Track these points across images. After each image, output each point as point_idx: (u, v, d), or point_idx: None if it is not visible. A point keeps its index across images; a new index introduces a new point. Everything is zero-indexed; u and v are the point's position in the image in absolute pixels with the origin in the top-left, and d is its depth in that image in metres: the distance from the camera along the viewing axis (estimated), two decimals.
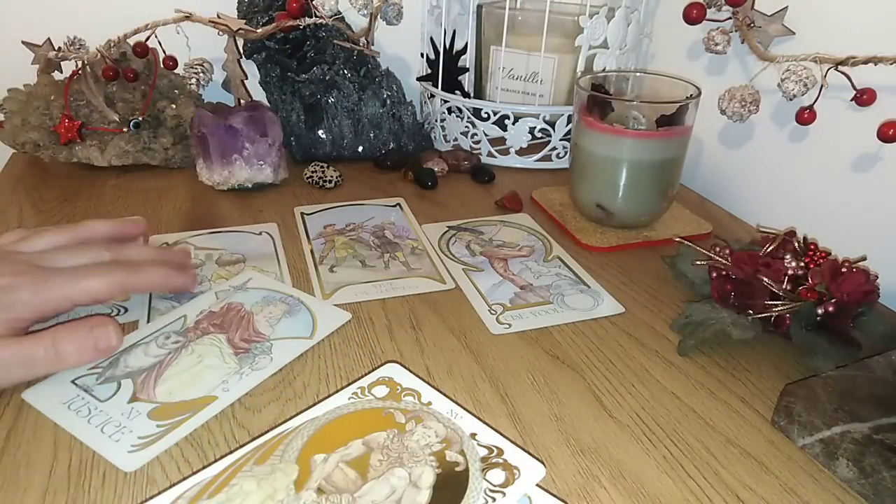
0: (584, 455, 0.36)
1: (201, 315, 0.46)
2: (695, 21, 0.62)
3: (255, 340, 0.43)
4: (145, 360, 0.41)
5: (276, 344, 0.43)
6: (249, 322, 0.45)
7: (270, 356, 0.42)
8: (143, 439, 0.35)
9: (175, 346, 0.42)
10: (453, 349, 0.44)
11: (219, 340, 0.43)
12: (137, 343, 0.43)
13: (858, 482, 0.34)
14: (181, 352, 0.42)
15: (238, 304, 0.47)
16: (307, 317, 0.46)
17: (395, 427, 0.36)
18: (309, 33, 0.73)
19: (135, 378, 0.39)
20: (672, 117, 0.56)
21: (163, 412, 0.37)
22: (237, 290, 0.49)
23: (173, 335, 0.43)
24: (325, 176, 0.69)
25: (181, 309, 0.46)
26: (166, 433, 0.36)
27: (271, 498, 0.31)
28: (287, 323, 0.45)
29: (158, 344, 0.42)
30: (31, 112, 0.68)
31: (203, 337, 0.43)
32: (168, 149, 0.71)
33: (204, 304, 0.47)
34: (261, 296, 0.48)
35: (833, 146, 0.58)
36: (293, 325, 0.45)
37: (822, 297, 0.43)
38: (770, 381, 0.42)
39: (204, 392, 0.38)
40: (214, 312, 0.46)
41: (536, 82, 0.78)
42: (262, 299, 0.48)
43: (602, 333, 0.47)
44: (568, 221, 0.62)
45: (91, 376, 0.39)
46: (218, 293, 0.48)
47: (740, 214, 0.67)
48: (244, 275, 0.51)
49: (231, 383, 0.39)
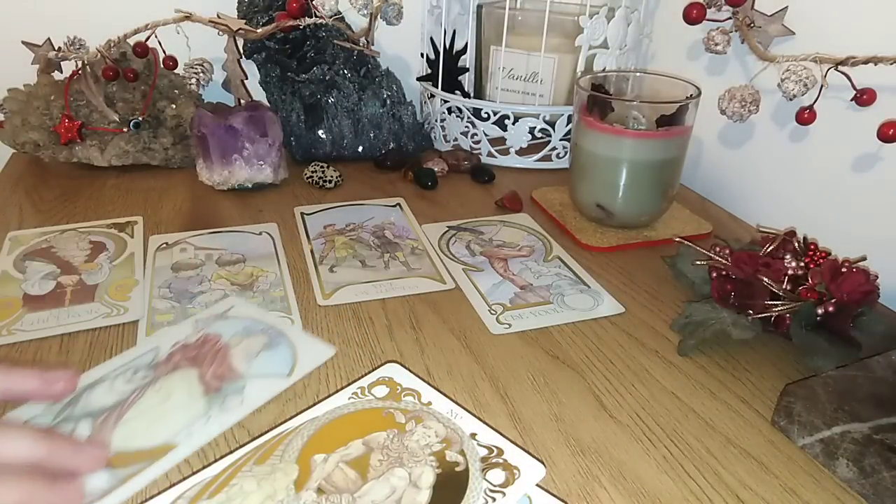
0: (584, 455, 0.36)
1: (176, 347, 0.42)
2: (695, 21, 0.62)
3: (229, 378, 0.40)
4: (108, 397, 0.38)
5: (249, 383, 0.39)
6: (225, 356, 0.42)
7: (241, 397, 0.38)
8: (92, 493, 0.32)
9: (143, 381, 0.39)
10: (453, 349, 0.44)
11: (190, 377, 0.40)
12: (103, 378, 0.39)
13: (858, 482, 0.34)
14: (148, 389, 0.39)
15: (216, 336, 0.43)
16: (287, 352, 0.43)
17: (395, 427, 0.36)
18: (309, 33, 0.73)
19: (95, 418, 0.36)
20: (672, 117, 0.56)
21: (118, 461, 0.34)
22: (217, 318, 0.46)
23: (142, 370, 0.40)
24: (325, 176, 0.69)
25: (154, 338, 0.43)
26: (120, 485, 0.32)
27: (271, 498, 0.31)
28: (265, 358, 0.42)
29: (126, 379, 0.39)
30: (31, 112, 0.68)
31: (174, 372, 0.40)
32: (168, 149, 0.71)
33: (180, 334, 0.44)
34: (241, 326, 0.45)
35: (833, 146, 0.58)
36: (271, 361, 0.42)
37: (822, 297, 0.43)
38: (770, 381, 0.42)
39: (165, 438, 0.35)
40: (189, 345, 0.43)
41: (536, 82, 0.78)
42: (243, 330, 0.44)
43: (602, 333, 0.47)
44: (568, 221, 0.62)
45: (47, 416, 0.36)
46: (198, 320, 0.45)
47: (740, 214, 0.67)
48: (226, 302, 0.48)
49: (195, 428, 0.36)
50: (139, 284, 0.50)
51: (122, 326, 0.45)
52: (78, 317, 0.46)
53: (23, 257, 0.53)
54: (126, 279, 0.51)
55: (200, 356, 0.42)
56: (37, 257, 0.53)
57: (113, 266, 0.52)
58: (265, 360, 0.42)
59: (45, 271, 0.51)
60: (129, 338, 0.44)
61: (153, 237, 0.57)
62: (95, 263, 0.53)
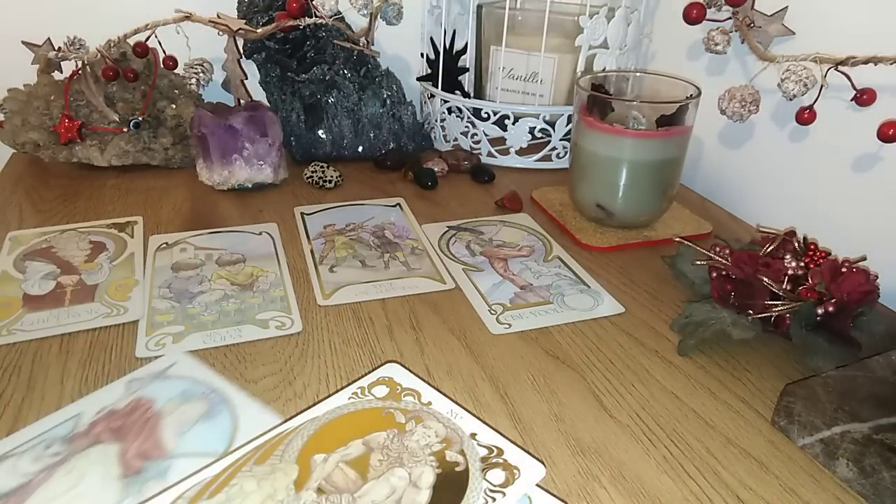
0: (584, 455, 0.36)
1: (101, 413, 0.37)
2: (695, 21, 0.62)
3: (153, 456, 0.34)
4: (9, 480, 0.32)
5: (174, 464, 0.34)
6: (154, 428, 0.36)
7: (164, 482, 0.33)
8: None
9: (54, 459, 0.34)
10: (453, 349, 0.44)
11: (108, 455, 0.34)
12: (8, 454, 0.34)
13: (858, 482, 0.34)
14: (57, 470, 0.33)
15: (148, 402, 0.38)
16: (227, 423, 0.37)
17: (395, 427, 0.36)
18: (309, 33, 0.73)
19: None
20: (672, 117, 0.56)
21: None
22: (155, 378, 0.40)
23: (57, 443, 0.35)
24: (325, 176, 0.69)
25: (77, 405, 0.38)
26: None
27: (271, 498, 0.31)
28: (200, 430, 0.36)
29: (34, 456, 0.34)
30: (31, 112, 0.68)
31: (92, 448, 0.35)
32: (168, 149, 0.71)
33: (108, 399, 0.38)
34: (180, 388, 0.39)
35: (833, 146, 0.58)
36: (206, 435, 0.36)
37: (822, 297, 0.43)
38: (770, 381, 0.42)
39: None
40: (117, 411, 0.37)
41: (536, 82, 0.78)
42: (181, 394, 0.39)
43: (602, 333, 0.47)
44: (568, 221, 0.62)
45: None
46: (132, 382, 0.40)
47: (740, 214, 0.67)
48: (168, 358, 0.42)
49: None
50: (139, 284, 0.50)
51: (122, 326, 0.45)
52: (78, 317, 0.46)
53: (23, 257, 0.53)
54: (126, 279, 0.51)
55: (127, 426, 0.36)
56: (37, 257, 0.53)
57: (113, 266, 0.52)
58: (200, 432, 0.36)
59: (45, 271, 0.51)
60: (129, 338, 0.44)
61: (153, 237, 0.57)
62: (95, 263, 0.53)
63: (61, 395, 0.39)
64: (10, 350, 0.43)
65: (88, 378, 0.40)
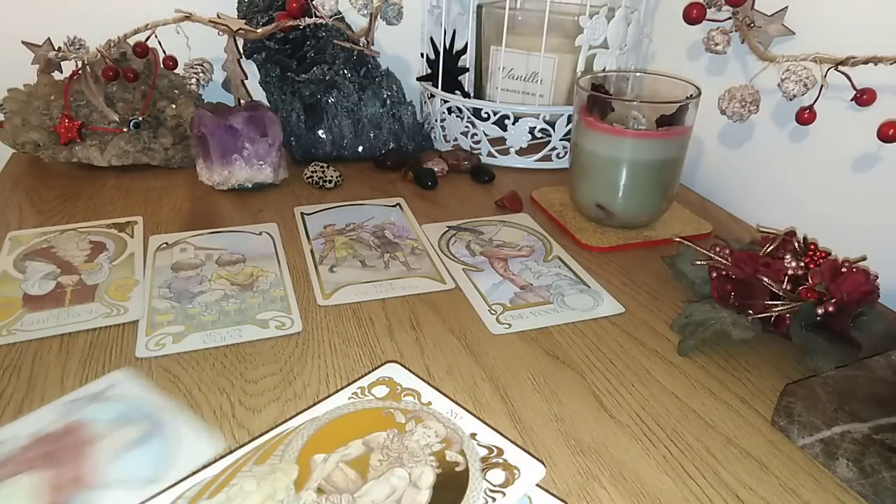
0: (584, 455, 0.36)
1: (35, 438, 0.35)
2: (695, 21, 0.62)
3: (81, 486, 0.32)
4: None
5: (102, 496, 0.32)
6: (85, 454, 0.34)
7: None
8: None
9: None
10: (453, 349, 0.44)
11: (34, 485, 0.32)
12: None
13: (858, 482, 0.34)
14: None
15: (82, 424, 0.36)
16: (163, 451, 0.34)
17: (395, 427, 0.36)
18: (309, 33, 0.73)
19: None
20: (672, 117, 0.56)
21: None
22: (93, 399, 0.37)
23: None
24: (325, 176, 0.69)
25: (13, 426, 0.36)
26: None
27: (271, 498, 0.31)
28: (134, 458, 0.34)
29: None
30: (31, 112, 0.68)
31: (17, 476, 0.32)
32: (168, 149, 0.71)
33: (43, 421, 0.35)
34: (119, 411, 0.37)
35: (833, 146, 0.58)
36: (139, 463, 0.34)
37: (822, 297, 0.43)
38: (770, 381, 0.42)
39: None
40: (51, 434, 0.35)
41: (536, 82, 0.78)
42: (119, 416, 0.36)
43: (602, 333, 0.47)
44: (568, 221, 0.62)
45: None
46: (70, 402, 0.37)
47: (740, 214, 0.67)
48: (108, 378, 0.40)
49: None
50: (139, 284, 0.50)
51: (122, 326, 0.45)
52: (78, 317, 0.46)
53: (23, 257, 0.53)
54: (126, 279, 0.51)
55: (58, 451, 0.34)
56: (37, 257, 0.53)
57: (113, 266, 0.52)
58: (133, 460, 0.34)
59: (45, 271, 0.51)
60: (129, 338, 0.44)
61: (153, 237, 0.57)
62: (95, 263, 0.53)
63: (61, 395, 0.39)
64: (10, 350, 0.43)
65: (88, 378, 0.40)
